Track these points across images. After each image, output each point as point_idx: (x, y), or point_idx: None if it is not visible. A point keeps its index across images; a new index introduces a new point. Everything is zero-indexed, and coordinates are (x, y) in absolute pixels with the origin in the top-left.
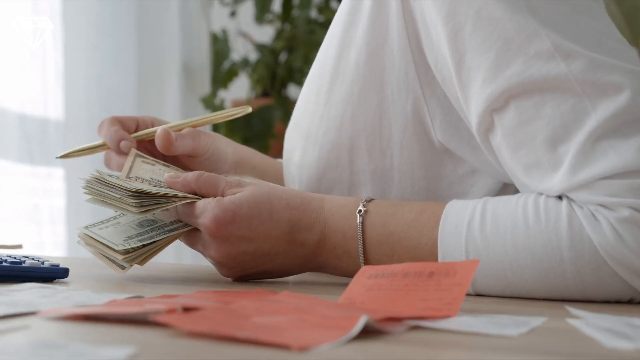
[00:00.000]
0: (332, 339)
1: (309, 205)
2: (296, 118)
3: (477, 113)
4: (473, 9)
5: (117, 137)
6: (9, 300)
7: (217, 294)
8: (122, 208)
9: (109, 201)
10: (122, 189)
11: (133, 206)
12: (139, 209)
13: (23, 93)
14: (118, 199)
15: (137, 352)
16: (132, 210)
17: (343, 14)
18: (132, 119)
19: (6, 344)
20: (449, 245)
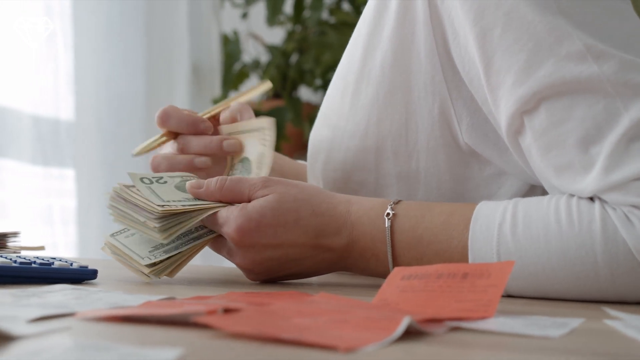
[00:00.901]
0: (377, 339)
1: (335, 210)
2: (321, 121)
3: (507, 115)
4: (502, 11)
5: (193, 120)
6: (44, 302)
7: (249, 295)
8: (146, 233)
9: (131, 224)
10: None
11: (157, 232)
12: (163, 233)
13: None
14: (142, 222)
15: (185, 353)
16: (156, 237)
17: (369, 16)
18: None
19: (53, 346)
20: (480, 248)
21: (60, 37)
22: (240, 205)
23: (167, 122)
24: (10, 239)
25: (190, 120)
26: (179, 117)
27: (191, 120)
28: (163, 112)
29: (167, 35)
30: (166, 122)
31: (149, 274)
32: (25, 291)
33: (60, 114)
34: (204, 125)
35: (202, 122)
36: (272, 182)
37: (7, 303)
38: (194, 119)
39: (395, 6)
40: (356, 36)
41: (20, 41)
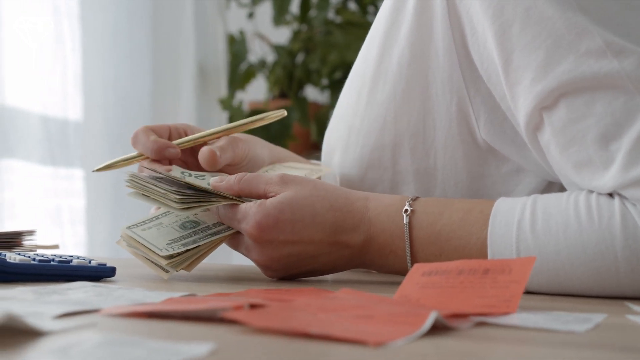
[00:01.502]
0: (405, 334)
1: (353, 206)
2: (336, 119)
3: (526, 111)
4: (521, 7)
5: (157, 147)
6: (65, 299)
7: (270, 292)
8: (163, 203)
9: (151, 195)
10: (169, 181)
11: (176, 202)
12: (181, 205)
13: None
14: (162, 193)
15: (216, 348)
16: (173, 206)
17: (385, 14)
18: (165, 127)
19: (83, 341)
20: (499, 245)
21: (68, 37)
22: (259, 201)
23: (135, 145)
24: (25, 237)
25: (155, 147)
26: (144, 142)
27: (156, 147)
28: (134, 135)
29: (173, 35)
30: (135, 145)
31: (167, 266)
32: (45, 288)
33: (68, 114)
34: (169, 152)
35: (169, 149)
36: (288, 178)
37: (30, 300)
38: (159, 145)
39: (412, 3)
40: (372, 34)
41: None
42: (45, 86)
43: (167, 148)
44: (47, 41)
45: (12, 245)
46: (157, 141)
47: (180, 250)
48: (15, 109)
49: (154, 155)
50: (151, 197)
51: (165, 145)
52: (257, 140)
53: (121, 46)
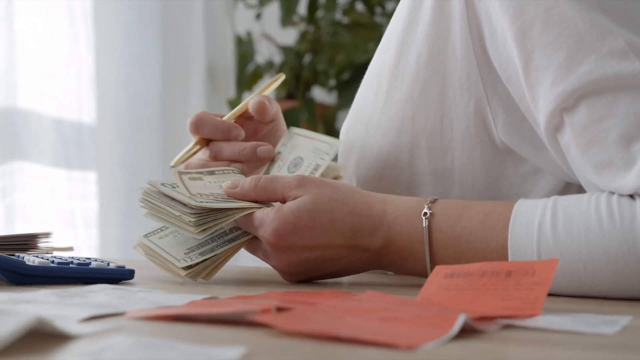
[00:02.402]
0: (434, 337)
1: (371, 210)
2: (353, 119)
3: (546, 112)
4: (542, 8)
5: (228, 127)
6: (88, 301)
7: (290, 294)
8: (180, 227)
9: (166, 218)
10: (182, 204)
11: (192, 225)
12: (197, 227)
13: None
14: (177, 216)
15: (249, 351)
16: (190, 230)
17: (402, 14)
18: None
19: (114, 345)
20: (520, 247)
21: (82, 38)
22: (276, 207)
23: (200, 129)
24: (41, 239)
25: (225, 127)
26: (213, 124)
27: (225, 127)
28: (197, 119)
29: (182, 36)
30: (200, 129)
31: (185, 277)
32: (67, 291)
33: (82, 116)
34: (236, 132)
35: (235, 129)
36: (306, 181)
37: (52, 302)
38: (228, 126)
39: (430, 3)
40: (389, 34)
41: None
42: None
43: (234, 129)
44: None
45: (27, 247)
46: (225, 122)
47: (198, 260)
48: (28, 111)
49: (223, 136)
50: (165, 219)
51: (232, 126)
52: None
53: (133, 47)
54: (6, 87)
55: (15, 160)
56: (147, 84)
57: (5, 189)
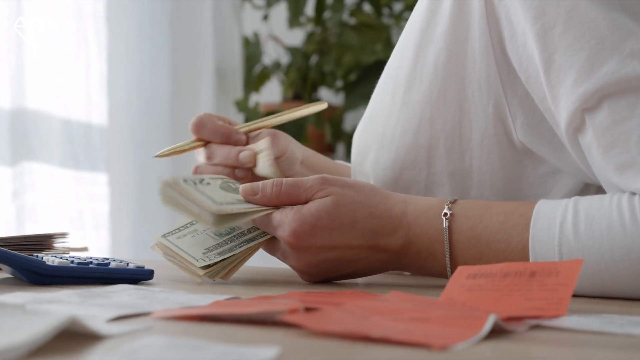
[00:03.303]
0: (466, 337)
1: (391, 212)
2: (368, 120)
3: (567, 113)
4: (564, 8)
5: (227, 131)
6: (112, 302)
7: (312, 295)
8: (198, 219)
9: (185, 211)
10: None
11: (210, 223)
12: (216, 225)
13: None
14: (196, 213)
15: (283, 351)
16: (208, 225)
17: (420, 15)
18: (216, 116)
19: (149, 345)
20: (542, 248)
21: (93, 40)
22: (295, 208)
23: (200, 131)
24: (57, 240)
25: (224, 132)
26: (213, 127)
27: (225, 131)
28: (198, 120)
29: (192, 37)
30: (200, 131)
31: (204, 276)
32: (89, 291)
33: (92, 117)
34: (236, 137)
35: (236, 134)
36: (328, 182)
37: (76, 302)
38: (228, 130)
39: (449, 4)
40: (406, 35)
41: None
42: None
43: (235, 134)
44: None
45: (42, 247)
46: (226, 126)
47: (216, 260)
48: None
49: (222, 139)
50: (185, 211)
51: (233, 131)
52: (290, 137)
53: (144, 48)
54: (15, 88)
55: (25, 162)
56: (157, 85)
57: (16, 190)
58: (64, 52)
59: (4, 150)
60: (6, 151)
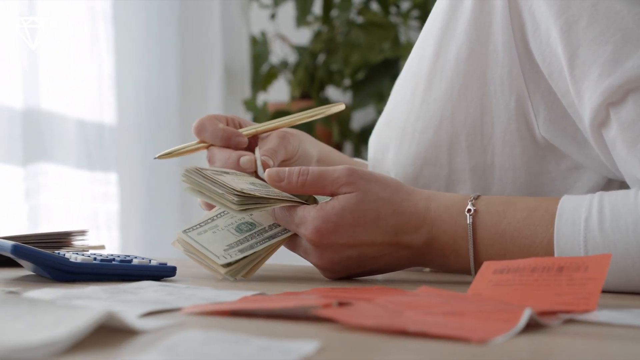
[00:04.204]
0: (503, 331)
1: (415, 208)
2: (388, 117)
3: (592, 107)
4: (589, 2)
5: (227, 135)
6: (139, 298)
7: (338, 291)
8: (221, 203)
9: (208, 194)
10: (225, 186)
11: (234, 203)
12: (239, 206)
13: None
14: (220, 194)
15: (323, 345)
16: (232, 208)
17: (441, 11)
18: (222, 117)
19: (187, 339)
20: (566, 243)
21: (103, 39)
22: (318, 205)
23: (201, 134)
24: (76, 237)
25: (224, 135)
26: (213, 130)
27: (225, 134)
28: (199, 123)
29: (200, 36)
30: (201, 133)
31: (226, 275)
32: (115, 288)
33: (104, 116)
34: (237, 140)
35: (237, 137)
36: (355, 176)
37: (103, 299)
38: (228, 133)
39: (470, 0)
40: (427, 31)
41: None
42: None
43: (236, 136)
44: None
45: (61, 245)
46: (226, 129)
47: (238, 258)
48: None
49: (222, 143)
50: (207, 195)
51: (234, 134)
52: (306, 135)
53: (152, 48)
54: (29, 88)
55: (39, 162)
56: (165, 85)
57: (30, 190)
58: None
59: (17, 151)
60: (19, 151)
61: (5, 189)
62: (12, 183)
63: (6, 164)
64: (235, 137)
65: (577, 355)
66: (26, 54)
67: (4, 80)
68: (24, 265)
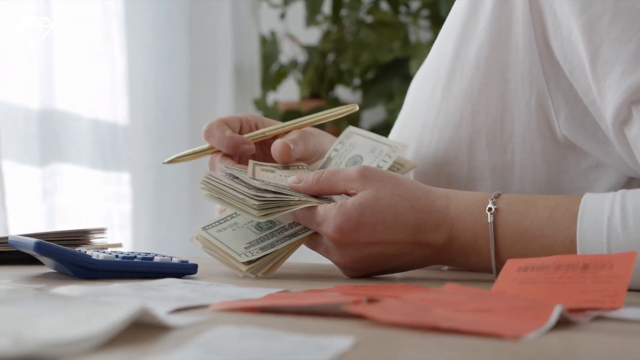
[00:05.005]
0: (534, 328)
1: (434, 206)
2: (407, 115)
3: (614, 105)
4: (611, 1)
5: (233, 142)
6: (164, 295)
7: (360, 288)
8: (241, 209)
9: (227, 200)
10: (245, 186)
11: (255, 208)
12: (260, 211)
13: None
14: (240, 198)
15: (357, 341)
16: (252, 213)
17: (461, 9)
18: (236, 119)
19: (223, 335)
20: (589, 242)
21: (116, 39)
22: (338, 203)
23: (209, 139)
24: (95, 235)
25: (230, 143)
26: (220, 137)
27: (231, 142)
28: (207, 128)
29: (210, 36)
30: (208, 139)
31: (247, 272)
32: (140, 285)
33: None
34: (243, 148)
35: (243, 145)
36: (368, 173)
37: (130, 295)
38: (234, 141)
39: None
40: (447, 29)
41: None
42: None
43: (242, 144)
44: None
45: (79, 243)
46: (233, 137)
47: (259, 256)
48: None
49: (229, 150)
50: (227, 201)
51: (241, 141)
52: (325, 134)
53: (162, 48)
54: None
55: (55, 162)
56: (175, 85)
57: (46, 190)
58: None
59: (34, 151)
60: (35, 151)
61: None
62: (29, 183)
63: (23, 164)
64: (242, 145)
65: (608, 353)
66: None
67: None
68: (45, 263)
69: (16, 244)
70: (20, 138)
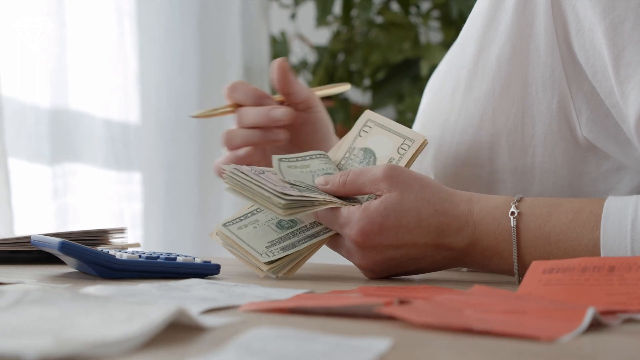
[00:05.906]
0: (568, 330)
1: (457, 210)
2: (426, 118)
3: (637, 107)
4: (635, 3)
5: (259, 94)
6: (191, 295)
7: (387, 290)
8: (266, 207)
9: (251, 196)
10: (272, 183)
11: (280, 207)
12: (286, 210)
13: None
14: (265, 197)
15: (395, 343)
16: (277, 212)
17: (483, 11)
18: None
19: (259, 336)
20: (613, 245)
21: (128, 38)
22: (362, 206)
23: (233, 94)
24: (114, 235)
25: (256, 94)
26: (245, 90)
27: (257, 94)
28: (231, 85)
29: (220, 36)
30: (232, 94)
31: (268, 272)
32: (166, 285)
33: (129, 116)
34: (268, 101)
35: (267, 98)
36: (394, 174)
37: (157, 296)
38: (259, 93)
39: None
40: (467, 31)
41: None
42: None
43: (266, 97)
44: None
45: (99, 242)
46: (258, 89)
47: (280, 256)
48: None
49: (253, 101)
50: (251, 197)
51: (264, 95)
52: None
53: (173, 47)
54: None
55: (67, 161)
56: (186, 84)
57: (57, 190)
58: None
59: (45, 150)
60: (46, 150)
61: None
62: (39, 182)
63: (34, 162)
64: (265, 98)
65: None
66: (55, 53)
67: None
68: (67, 263)
69: (39, 244)
70: (31, 136)
